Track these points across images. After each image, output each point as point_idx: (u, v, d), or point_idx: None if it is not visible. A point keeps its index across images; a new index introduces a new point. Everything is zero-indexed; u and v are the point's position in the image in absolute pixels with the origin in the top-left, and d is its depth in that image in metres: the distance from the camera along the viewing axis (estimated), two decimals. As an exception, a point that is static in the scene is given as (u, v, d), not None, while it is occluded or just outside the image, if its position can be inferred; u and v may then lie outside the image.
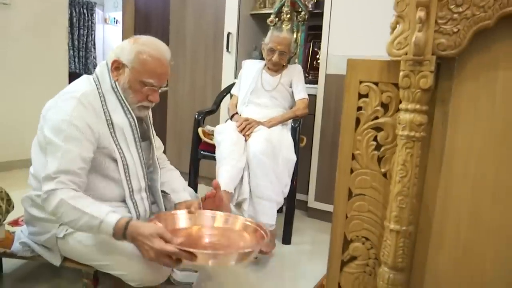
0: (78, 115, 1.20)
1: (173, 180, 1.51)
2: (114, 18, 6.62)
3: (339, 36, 2.32)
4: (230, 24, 2.77)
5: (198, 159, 2.20)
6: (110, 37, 6.63)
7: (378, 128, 0.88)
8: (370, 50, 2.23)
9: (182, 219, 1.32)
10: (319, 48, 2.58)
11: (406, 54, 0.79)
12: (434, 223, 0.85)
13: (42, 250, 1.36)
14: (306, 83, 2.47)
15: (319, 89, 2.41)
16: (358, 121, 0.90)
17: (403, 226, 0.82)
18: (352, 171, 0.90)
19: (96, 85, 1.31)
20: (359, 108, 0.89)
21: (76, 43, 6.07)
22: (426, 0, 0.74)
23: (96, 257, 1.25)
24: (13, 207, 1.29)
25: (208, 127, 2.30)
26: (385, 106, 0.87)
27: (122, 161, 1.30)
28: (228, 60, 2.81)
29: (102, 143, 1.26)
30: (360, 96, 0.88)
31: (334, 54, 2.34)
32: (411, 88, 0.79)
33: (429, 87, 0.78)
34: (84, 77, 1.35)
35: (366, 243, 0.92)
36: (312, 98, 2.41)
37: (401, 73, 0.79)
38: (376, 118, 0.88)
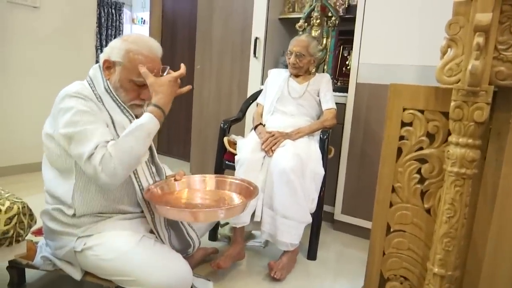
0: (81, 105, 1.21)
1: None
2: (142, 18, 6.69)
3: (372, 43, 2.22)
4: (258, 28, 2.70)
5: (223, 169, 2.15)
6: (138, 37, 6.68)
7: (422, 160, 0.80)
8: (404, 59, 2.13)
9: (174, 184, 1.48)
10: (349, 54, 2.48)
11: (459, 82, 0.71)
12: (484, 268, 0.76)
13: (63, 264, 1.35)
14: (335, 90, 2.38)
15: (349, 98, 2.32)
16: (400, 151, 0.83)
17: (449, 271, 0.74)
18: (391, 205, 0.83)
19: (91, 87, 1.31)
20: (402, 137, 0.81)
21: (104, 43, 6.15)
22: (485, 24, 0.65)
23: (115, 272, 1.24)
24: (35, 221, 1.27)
25: (233, 136, 2.24)
26: (431, 136, 0.79)
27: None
28: (255, 65, 2.75)
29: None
30: (403, 124, 0.81)
31: (365, 63, 2.25)
32: (463, 120, 0.71)
33: (484, 120, 0.69)
34: (76, 82, 1.33)
35: (404, 283, 0.85)
36: (342, 107, 2.32)
37: (452, 104, 0.72)
38: (421, 148, 0.80)
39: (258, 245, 2.12)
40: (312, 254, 2.03)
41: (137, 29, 6.73)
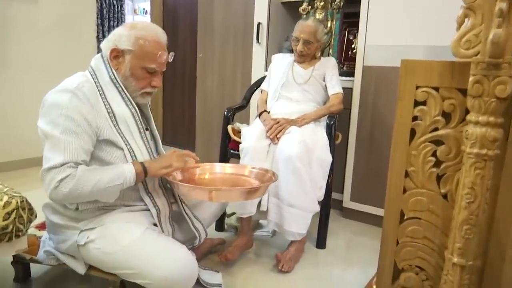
0: (73, 108, 1.17)
1: None
2: (144, 9, 6.61)
3: (378, 24, 2.14)
4: (260, 13, 2.62)
5: (228, 158, 2.10)
6: (140, 27, 6.63)
7: (437, 142, 0.74)
8: (413, 39, 2.05)
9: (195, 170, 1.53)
10: (355, 37, 2.40)
11: (478, 54, 0.65)
12: (508, 257, 0.71)
13: (66, 258, 1.34)
14: (341, 74, 2.31)
15: (356, 81, 2.24)
16: (413, 132, 0.77)
17: (469, 261, 0.68)
18: (405, 191, 0.77)
19: (93, 78, 1.28)
20: (415, 118, 0.75)
21: (106, 34, 6.06)
22: (508, -12, 0.59)
23: (119, 265, 1.22)
24: (35, 216, 1.24)
25: (238, 124, 2.19)
26: (446, 116, 0.73)
27: (130, 152, 1.27)
28: (258, 51, 2.68)
29: (103, 135, 1.23)
30: (417, 103, 0.75)
31: (372, 45, 2.17)
32: (483, 96, 0.64)
33: (507, 96, 0.63)
34: (79, 73, 1.31)
35: (420, 274, 0.79)
36: (348, 91, 2.25)
37: (471, 78, 0.65)
38: (436, 129, 0.74)
39: (266, 235, 2.08)
40: (321, 243, 1.98)
41: (139, 20, 6.66)
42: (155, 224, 1.36)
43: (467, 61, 0.67)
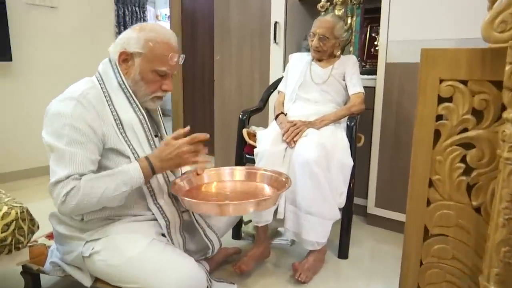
0: (78, 116, 1.14)
1: None
2: (166, 15, 6.69)
3: (401, 18, 2.00)
4: (277, 12, 2.54)
5: (244, 163, 2.01)
6: (162, 34, 6.70)
7: (467, 145, 0.62)
8: (439, 32, 1.90)
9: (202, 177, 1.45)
10: (378, 34, 2.26)
11: (515, 38, 0.53)
12: (557, 284, 0.58)
13: (72, 270, 1.31)
14: (363, 73, 2.19)
15: (379, 80, 2.11)
16: (437, 134, 0.65)
17: (510, 288, 0.57)
18: (429, 203, 0.66)
19: (100, 84, 1.24)
20: (439, 117, 0.64)
21: (129, 41, 6.17)
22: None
23: (124, 279, 1.18)
24: (38, 227, 1.20)
25: (254, 128, 2.10)
26: (478, 114, 0.61)
27: (137, 160, 1.21)
28: (275, 52, 2.59)
29: (108, 144, 1.19)
30: (441, 100, 0.63)
31: (395, 40, 2.03)
32: (523, 89, 0.53)
33: (554, 88, 0.51)
34: (85, 78, 1.28)
35: (449, 300, 0.68)
36: (371, 90, 2.13)
37: (507, 67, 0.53)
38: (465, 130, 0.62)
39: (285, 243, 1.98)
40: (343, 252, 1.86)
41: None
42: (163, 234, 1.30)
43: (502, 47, 0.55)
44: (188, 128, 1.27)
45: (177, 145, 1.20)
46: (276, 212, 1.69)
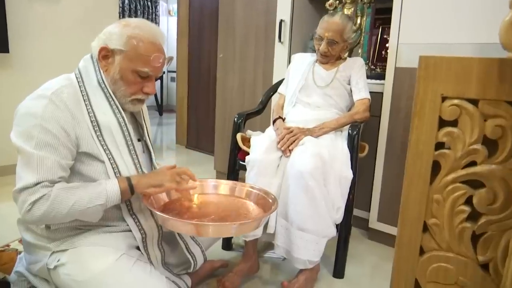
0: (49, 117, 1.04)
1: None
2: (178, 10, 6.59)
3: (414, 21, 1.85)
4: (283, 10, 2.41)
5: (237, 170, 1.87)
6: (174, 29, 6.62)
7: (474, 183, 0.48)
8: (455, 36, 1.72)
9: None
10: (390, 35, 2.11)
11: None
12: None
13: (37, 281, 1.23)
14: (373, 77, 2.05)
15: (387, 85, 1.96)
16: (436, 167, 0.51)
17: None
18: (422, 252, 0.52)
19: (78, 82, 1.16)
20: (440, 145, 0.49)
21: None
22: None
23: None
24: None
25: (250, 132, 1.97)
26: (490, 144, 0.47)
27: (113, 167, 1.14)
28: (280, 51, 2.46)
29: (82, 147, 1.10)
30: (443, 123, 0.49)
31: (406, 43, 1.87)
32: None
33: None
34: (63, 75, 1.20)
35: None
36: (378, 96, 1.97)
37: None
38: (473, 164, 0.48)
39: (276, 257, 1.84)
40: (338, 271, 1.73)
41: (174, 21, 6.66)
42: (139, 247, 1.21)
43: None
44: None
45: (163, 170, 1.19)
46: (266, 225, 1.55)
